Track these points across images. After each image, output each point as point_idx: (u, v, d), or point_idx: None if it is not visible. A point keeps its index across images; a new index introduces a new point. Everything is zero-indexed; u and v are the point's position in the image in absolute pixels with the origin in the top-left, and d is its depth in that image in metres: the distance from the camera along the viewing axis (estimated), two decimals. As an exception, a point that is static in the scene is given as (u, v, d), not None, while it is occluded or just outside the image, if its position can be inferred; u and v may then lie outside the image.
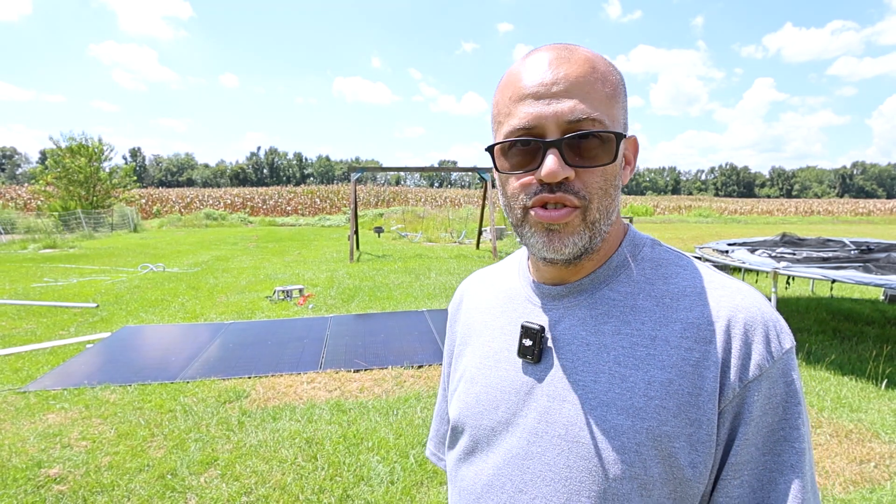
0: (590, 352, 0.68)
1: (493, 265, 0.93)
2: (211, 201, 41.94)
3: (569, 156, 0.62)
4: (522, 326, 0.72)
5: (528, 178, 0.65)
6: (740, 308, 0.64)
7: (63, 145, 26.19)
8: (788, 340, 0.64)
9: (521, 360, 0.73)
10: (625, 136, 0.65)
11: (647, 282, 0.70)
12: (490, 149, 0.69)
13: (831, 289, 8.17)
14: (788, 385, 0.63)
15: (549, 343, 0.71)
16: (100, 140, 27.38)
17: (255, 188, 56.33)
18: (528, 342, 0.71)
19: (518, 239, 0.71)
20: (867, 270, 5.31)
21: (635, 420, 0.62)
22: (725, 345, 0.62)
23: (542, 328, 0.71)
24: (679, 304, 0.67)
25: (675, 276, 0.70)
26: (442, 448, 0.96)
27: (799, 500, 0.61)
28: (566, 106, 0.61)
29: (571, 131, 0.62)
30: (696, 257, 0.82)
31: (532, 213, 0.66)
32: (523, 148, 0.64)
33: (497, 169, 0.69)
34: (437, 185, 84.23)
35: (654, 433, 0.62)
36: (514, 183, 0.66)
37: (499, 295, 0.83)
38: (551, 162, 0.61)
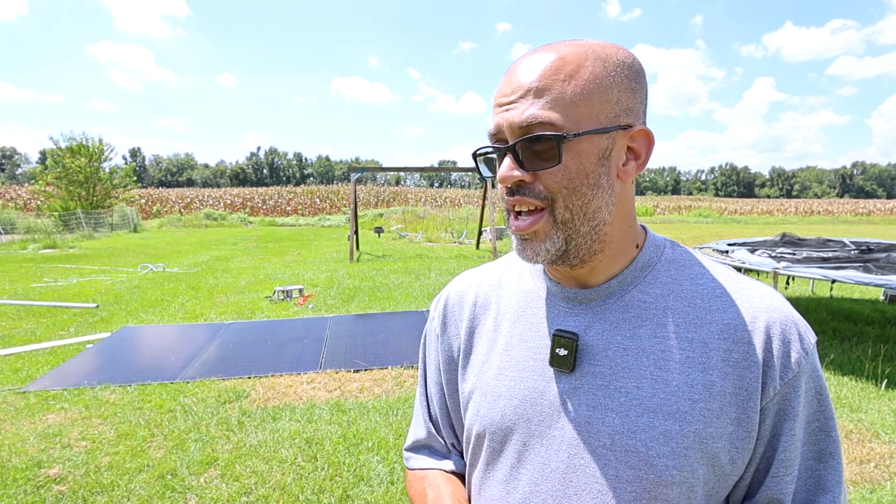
0: (628, 357, 0.66)
1: (486, 265, 0.89)
2: (211, 201, 41.93)
3: (526, 159, 0.64)
4: (554, 335, 0.70)
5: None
6: (774, 309, 0.66)
7: (63, 145, 26.17)
8: (814, 336, 0.67)
9: (552, 370, 0.70)
10: (565, 137, 0.61)
11: (675, 283, 0.70)
12: (473, 156, 0.72)
13: (831, 289, 8.17)
14: (819, 379, 0.67)
15: (582, 350, 0.69)
16: (100, 140, 27.38)
17: (254, 188, 56.33)
18: (562, 351, 0.69)
19: None
20: (867, 270, 5.31)
21: (682, 424, 0.63)
22: (766, 344, 0.64)
23: (577, 336, 0.69)
24: (712, 306, 0.67)
25: (701, 276, 0.70)
26: (421, 452, 0.92)
27: (839, 483, 0.67)
28: (517, 112, 0.63)
29: (523, 135, 0.63)
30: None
31: (508, 220, 0.69)
32: (495, 155, 0.68)
33: (480, 175, 0.74)
34: (436, 185, 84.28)
35: (700, 435, 0.63)
36: (500, 188, 0.69)
37: (511, 298, 0.79)
38: (503, 166, 0.65)
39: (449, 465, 0.88)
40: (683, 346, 0.65)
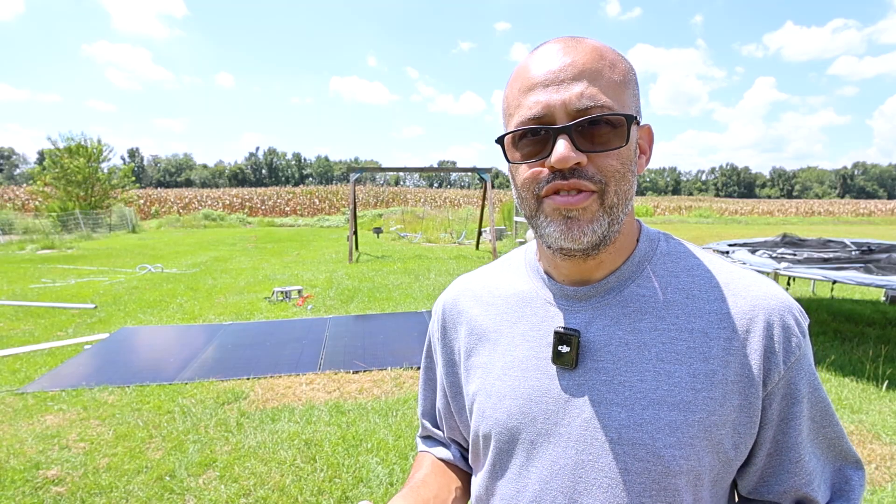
0: (630, 351, 0.67)
1: (484, 267, 0.89)
2: (209, 202, 41.89)
3: (579, 141, 0.62)
4: (556, 332, 0.70)
5: (538, 168, 0.64)
6: (771, 297, 0.67)
7: (61, 146, 26.13)
8: (807, 319, 0.69)
9: (555, 367, 0.70)
10: (635, 118, 0.64)
11: (672, 275, 0.70)
12: (500, 140, 0.68)
13: (832, 290, 8.15)
14: (812, 359, 0.69)
15: (584, 346, 0.69)
16: (99, 140, 27.36)
17: (253, 189, 56.25)
18: (564, 348, 0.69)
19: (532, 232, 0.70)
20: (868, 271, 5.30)
21: (687, 414, 0.64)
22: (766, 331, 0.65)
23: (578, 332, 0.69)
24: (710, 296, 0.68)
25: (696, 268, 0.71)
26: (427, 441, 0.98)
27: (854, 451, 0.72)
28: (574, 92, 0.61)
29: (581, 117, 0.61)
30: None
31: (547, 200, 0.65)
32: (534, 137, 0.64)
33: (508, 160, 0.68)
34: (436, 185, 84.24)
35: (705, 424, 0.64)
36: (526, 173, 0.65)
37: (509, 299, 0.79)
38: (562, 147, 0.61)
39: (441, 451, 0.93)
40: (684, 337, 0.66)
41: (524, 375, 0.72)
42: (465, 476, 0.92)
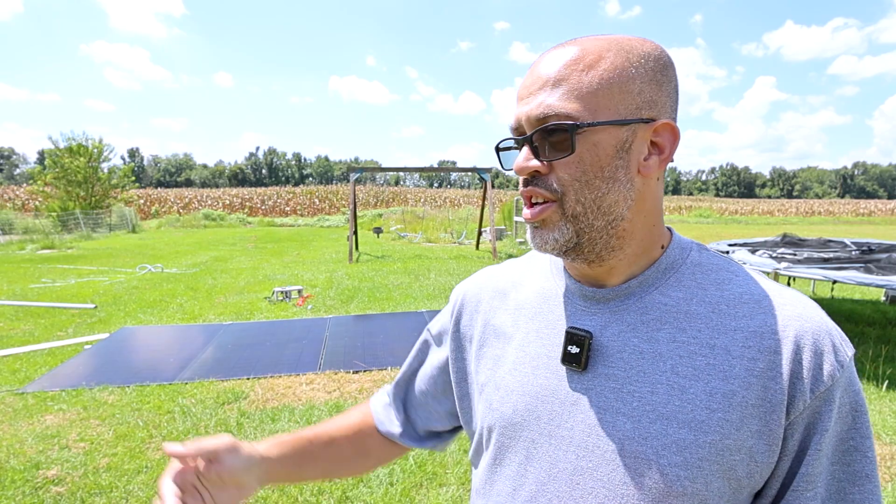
0: (644, 360, 0.64)
1: (511, 260, 0.88)
2: (209, 202, 41.89)
3: (542, 150, 0.64)
4: (567, 332, 0.68)
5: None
6: (806, 318, 0.62)
7: (62, 146, 26.12)
8: (851, 349, 0.63)
9: (564, 368, 0.69)
10: (579, 126, 0.61)
11: (700, 287, 0.67)
12: (497, 148, 0.74)
13: (832, 289, 8.16)
14: (856, 393, 0.62)
15: (597, 350, 0.67)
16: (100, 140, 27.36)
17: (253, 188, 56.27)
18: (574, 349, 0.67)
19: None
20: (868, 271, 5.31)
21: (698, 434, 0.60)
22: (795, 355, 0.60)
23: (590, 334, 0.67)
24: (737, 312, 0.64)
25: (728, 282, 0.67)
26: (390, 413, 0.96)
27: None
28: (533, 104, 0.64)
29: (538, 126, 0.64)
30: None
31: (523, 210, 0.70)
32: (515, 147, 0.70)
33: (503, 167, 0.73)
34: (436, 185, 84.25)
35: (717, 447, 0.60)
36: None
37: (529, 295, 0.78)
38: (520, 156, 0.66)
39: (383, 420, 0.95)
40: (704, 352, 0.62)
41: (534, 373, 0.71)
42: (386, 453, 0.95)
